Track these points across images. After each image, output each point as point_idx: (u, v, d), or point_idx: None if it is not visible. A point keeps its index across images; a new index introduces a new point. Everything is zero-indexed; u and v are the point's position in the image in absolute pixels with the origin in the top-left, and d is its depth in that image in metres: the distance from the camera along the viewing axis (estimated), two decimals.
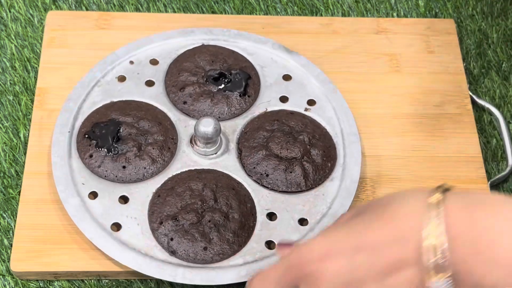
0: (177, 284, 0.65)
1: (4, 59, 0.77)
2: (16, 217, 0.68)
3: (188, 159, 0.70)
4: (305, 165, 0.69)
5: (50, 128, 0.71)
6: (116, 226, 0.66)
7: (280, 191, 0.69)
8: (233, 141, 0.71)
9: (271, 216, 0.68)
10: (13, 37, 0.79)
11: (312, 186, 0.69)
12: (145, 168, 0.69)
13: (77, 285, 0.66)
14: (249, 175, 0.69)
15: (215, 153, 0.70)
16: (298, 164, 0.69)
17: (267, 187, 0.69)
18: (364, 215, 0.51)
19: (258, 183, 0.69)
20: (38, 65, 0.76)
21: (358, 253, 0.49)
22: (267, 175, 0.69)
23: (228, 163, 0.70)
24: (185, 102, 0.73)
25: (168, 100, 0.73)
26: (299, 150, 0.70)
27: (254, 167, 0.69)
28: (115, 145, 0.69)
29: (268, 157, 0.69)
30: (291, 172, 0.69)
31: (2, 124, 0.73)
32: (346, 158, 0.71)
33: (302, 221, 0.67)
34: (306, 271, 0.50)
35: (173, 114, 0.72)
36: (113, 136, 0.69)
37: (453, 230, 0.47)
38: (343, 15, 0.83)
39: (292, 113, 0.73)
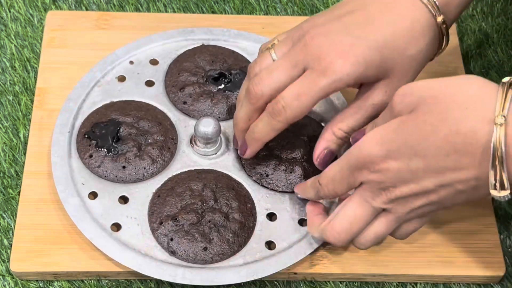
0: (177, 284, 0.65)
1: (4, 59, 0.77)
2: (16, 217, 0.68)
3: (188, 159, 0.70)
4: (305, 166, 0.69)
5: (50, 128, 0.71)
6: (116, 226, 0.66)
7: (280, 191, 0.69)
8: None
9: (271, 216, 0.68)
10: (13, 37, 0.79)
11: None
12: (145, 168, 0.69)
13: (77, 285, 0.66)
14: (249, 175, 0.69)
15: (215, 153, 0.70)
16: (298, 164, 0.69)
17: (267, 187, 0.69)
18: (420, 115, 0.53)
19: (258, 183, 0.69)
20: (38, 65, 0.76)
21: (413, 159, 0.54)
22: (267, 175, 0.69)
23: (228, 163, 0.70)
24: (185, 102, 0.73)
25: (168, 100, 0.73)
26: (299, 150, 0.70)
27: (254, 167, 0.69)
28: (115, 145, 0.69)
29: (268, 157, 0.69)
30: (291, 172, 0.69)
31: (2, 124, 0.73)
32: None
33: (302, 222, 0.67)
34: (372, 170, 0.56)
35: (173, 114, 0.72)
36: (113, 136, 0.69)
37: None
38: None
39: None
